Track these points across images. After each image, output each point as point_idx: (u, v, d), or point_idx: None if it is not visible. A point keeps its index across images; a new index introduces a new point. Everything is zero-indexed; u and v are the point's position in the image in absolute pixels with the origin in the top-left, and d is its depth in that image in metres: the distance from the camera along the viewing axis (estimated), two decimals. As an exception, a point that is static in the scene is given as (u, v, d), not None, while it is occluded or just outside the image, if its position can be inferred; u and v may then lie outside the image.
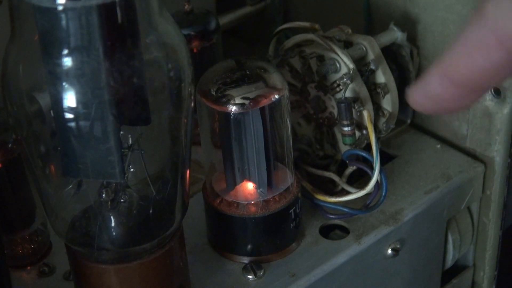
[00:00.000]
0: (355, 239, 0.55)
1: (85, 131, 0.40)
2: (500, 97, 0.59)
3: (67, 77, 0.39)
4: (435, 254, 0.63)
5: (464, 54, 0.33)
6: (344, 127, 0.56)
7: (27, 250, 0.54)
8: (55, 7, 0.37)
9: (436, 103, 0.36)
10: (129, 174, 0.45)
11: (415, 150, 0.64)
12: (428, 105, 0.36)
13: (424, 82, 0.36)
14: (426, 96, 0.36)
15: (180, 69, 0.43)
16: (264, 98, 0.50)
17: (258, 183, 0.52)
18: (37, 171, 0.44)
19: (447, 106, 0.36)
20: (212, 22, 0.65)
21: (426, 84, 0.36)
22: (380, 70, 0.58)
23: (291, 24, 0.62)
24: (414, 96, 0.37)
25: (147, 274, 0.46)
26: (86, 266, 0.46)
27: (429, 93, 0.36)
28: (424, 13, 0.62)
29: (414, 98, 0.37)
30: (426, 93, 0.36)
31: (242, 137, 0.51)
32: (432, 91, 0.35)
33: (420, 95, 0.36)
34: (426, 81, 0.36)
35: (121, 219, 0.46)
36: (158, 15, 0.42)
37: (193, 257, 0.54)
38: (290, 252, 0.54)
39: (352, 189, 0.56)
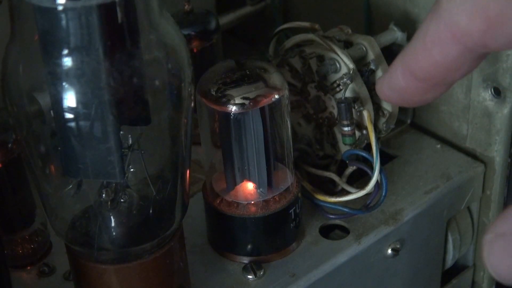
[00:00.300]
0: (355, 239, 0.55)
1: (85, 131, 0.40)
2: (500, 97, 0.59)
3: (67, 77, 0.39)
4: (435, 254, 0.63)
5: (423, 49, 0.33)
6: (344, 127, 0.56)
7: (27, 250, 0.54)
8: (55, 7, 0.37)
9: (401, 95, 0.36)
10: (129, 174, 0.45)
11: (415, 150, 0.64)
12: (393, 97, 0.36)
13: (389, 74, 0.36)
14: (391, 88, 0.36)
15: (180, 69, 0.43)
16: (264, 98, 0.50)
17: (258, 183, 0.52)
18: (37, 171, 0.44)
19: (410, 98, 0.36)
20: (212, 22, 0.65)
21: (390, 76, 0.35)
22: (380, 70, 0.58)
23: (291, 24, 0.62)
24: (381, 87, 0.37)
25: (147, 274, 0.46)
26: (86, 266, 0.46)
27: (393, 85, 0.35)
28: (424, 13, 0.62)
29: (381, 89, 0.37)
30: (390, 85, 0.36)
31: (242, 137, 0.51)
32: (396, 84, 0.35)
33: (385, 87, 0.36)
34: (390, 73, 0.35)
35: (121, 219, 0.46)
36: (158, 15, 0.42)
37: (193, 257, 0.54)
38: (290, 252, 0.54)
39: (352, 189, 0.56)
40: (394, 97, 0.36)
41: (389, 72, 0.36)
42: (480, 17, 0.30)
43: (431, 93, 0.35)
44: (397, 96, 0.36)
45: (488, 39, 0.31)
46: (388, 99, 0.37)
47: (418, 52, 0.33)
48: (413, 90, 0.35)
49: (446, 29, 0.32)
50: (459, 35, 0.31)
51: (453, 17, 0.31)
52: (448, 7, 0.31)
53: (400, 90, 0.35)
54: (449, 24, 0.31)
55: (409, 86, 0.35)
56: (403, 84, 0.35)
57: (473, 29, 0.31)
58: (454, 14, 0.31)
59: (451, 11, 0.31)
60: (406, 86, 0.35)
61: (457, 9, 0.31)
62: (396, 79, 0.35)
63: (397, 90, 0.35)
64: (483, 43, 0.31)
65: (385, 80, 0.36)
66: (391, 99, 0.37)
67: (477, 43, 0.31)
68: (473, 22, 0.31)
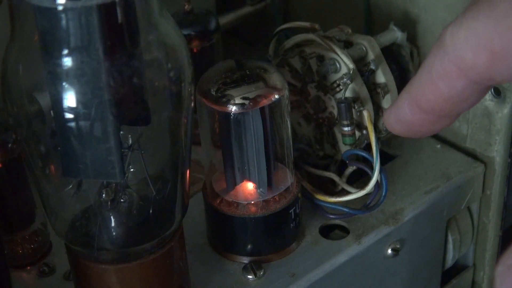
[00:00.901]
0: (355, 239, 0.55)
1: (85, 131, 0.40)
2: (500, 97, 0.59)
3: (67, 77, 0.39)
4: (435, 254, 0.63)
5: (429, 83, 0.34)
6: (344, 127, 0.56)
7: (27, 250, 0.54)
8: (55, 7, 0.37)
9: (408, 127, 0.36)
10: (129, 174, 0.45)
11: (415, 150, 0.64)
12: (401, 129, 0.37)
13: (396, 107, 0.36)
14: (399, 121, 0.36)
15: (180, 69, 0.43)
16: (264, 98, 0.50)
17: (258, 183, 0.52)
18: (37, 171, 0.44)
19: (418, 130, 0.36)
20: (212, 22, 0.65)
21: (397, 109, 0.36)
22: (380, 70, 0.58)
23: (291, 24, 0.62)
24: (388, 119, 0.37)
25: (147, 274, 0.46)
26: (86, 266, 0.46)
27: (401, 118, 0.36)
28: (424, 13, 0.62)
29: (388, 121, 0.37)
30: (398, 117, 0.36)
31: (242, 137, 0.51)
32: (403, 116, 0.36)
33: (393, 119, 0.37)
34: (397, 106, 0.36)
35: (121, 219, 0.46)
36: (158, 15, 0.42)
37: (193, 257, 0.54)
38: (290, 252, 0.54)
39: (352, 189, 0.56)
40: (402, 129, 0.37)
41: (396, 104, 0.36)
42: (485, 51, 0.31)
43: (438, 125, 0.36)
44: (405, 128, 0.37)
45: (493, 72, 0.31)
46: (395, 131, 0.37)
47: (424, 85, 0.34)
48: (420, 122, 0.35)
49: (451, 63, 0.32)
50: (464, 69, 0.32)
51: (457, 52, 0.32)
52: (452, 41, 0.32)
53: (408, 122, 0.36)
54: (454, 59, 0.32)
55: (416, 118, 0.35)
56: (410, 117, 0.35)
57: (478, 63, 0.31)
58: (458, 49, 0.32)
59: (455, 45, 0.32)
60: (413, 118, 0.35)
61: (462, 44, 0.32)
62: (403, 112, 0.36)
63: (404, 122, 0.36)
64: (488, 76, 0.32)
65: (392, 112, 0.37)
66: (399, 131, 0.37)
67: (482, 76, 0.32)
68: (478, 56, 0.31)
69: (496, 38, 0.30)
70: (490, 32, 0.31)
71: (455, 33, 0.32)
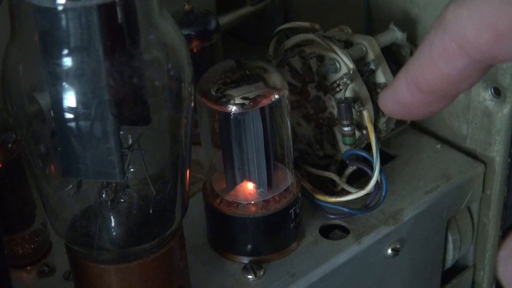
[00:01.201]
0: (355, 239, 0.55)
1: (85, 131, 0.40)
2: (500, 97, 0.59)
3: (67, 77, 0.39)
4: (435, 254, 0.63)
5: (428, 62, 0.33)
6: (344, 127, 0.56)
7: (27, 250, 0.54)
8: (55, 7, 0.37)
9: (406, 108, 0.36)
10: (129, 174, 0.45)
11: (415, 150, 0.64)
12: (397, 110, 0.36)
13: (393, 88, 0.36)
14: (396, 102, 0.36)
15: (180, 69, 0.43)
16: (264, 98, 0.50)
17: (258, 183, 0.52)
18: (37, 171, 0.44)
19: (416, 112, 0.36)
20: (212, 22, 0.65)
21: (395, 90, 0.35)
22: (380, 70, 0.58)
23: (291, 24, 0.62)
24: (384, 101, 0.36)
25: (147, 274, 0.46)
26: (86, 266, 0.46)
27: (398, 99, 0.35)
28: (424, 13, 0.62)
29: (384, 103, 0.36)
30: (395, 98, 0.36)
31: (242, 137, 0.51)
32: (401, 97, 0.35)
33: (389, 101, 0.36)
34: (395, 87, 0.35)
35: (121, 219, 0.46)
36: (158, 15, 0.42)
37: (193, 257, 0.54)
38: (290, 252, 0.54)
39: (352, 189, 0.56)
40: (399, 110, 0.36)
41: (393, 85, 0.36)
42: (489, 30, 0.30)
43: (436, 106, 0.35)
44: (402, 109, 0.36)
45: (496, 51, 0.31)
46: (392, 112, 0.37)
47: (423, 65, 0.33)
48: (418, 103, 0.35)
49: (453, 41, 0.32)
50: (466, 48, 0.31)
51: (459, 30, 0.31)
52: (454, 20, 0.32)
53: (405, 103, 0.35)
54: (456, 37, 0.32)
55: (414, 99, 0.35)
56: (408, 97, 0.35)
57: (481, 41, 0.31)
58: (460, 27, 0.31)
59: (458, 24, 0.31)
60: (411, 99, 0.35)
61: (464, 23, 0.31)
62: (400, 92, 0.35)
63: (402, 103, 0.35)
64: (491, 55, 0.31)
65: (388, 93, 0.36)
66: (396, 113, 0.36)
67: (485, 55, 0.31)
68: (481, 35, 0.31)
69: (501, 17, 0.30)
70: (495, 11, 0.30)
71: (457, 11, 0.31)
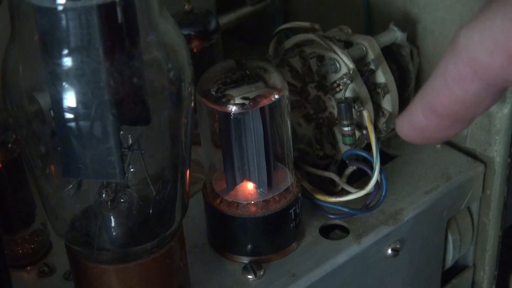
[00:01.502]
0: (355, 239, 0.55)
1: (85, 131, 0.40)
2: (500, 97, 0.59)
3: (67, 77, 0.39)
4: (435, 254, 0.63)
5: (443, 87, 0.33)
6: (344, 127, 0.56)
7: (27, 250, 0.54)
8: (55, 7, 0.37)
9: (421, 133, 0.36)
10: (129, 174, 0.45)
11: (415, 150, 0.64)
12: (413, 135, 0.36)
13: (409, 113, 0.36)
14: (412, 126, 0.36)
15: (180, 69, 0.43)
16: (264, 98, 0.50)
17: (258, 183, 0.52)
18: (37, 171, 0.44)
19: (432, 136, 0.36)
20: (212, 22, 0.65)
21: (410, 115, 0.36)
22: (380, 70, 0.58)
23: (291, 24, 0.62)
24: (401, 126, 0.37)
25: (147, 274, 0.46)
26: (86, 266, 0.46)
27: (414, 123, 0.36)
28: (424, 13, 0.62)
29: (401, 128, 0.37)
30: (411, 123, 0.36)
31: (242, 137, 0.51)
32: (417, 122, 0.35)
33: (406, 125, 0.36)
34: (410, 112, 0.36)
35: (121, 219, 0.46)
36: (158, 15, 0.42)
37: (193, 257, 0.54)
38: (290, 252, 0.54)
39: (352, 189, 0.56)
40: (415, 134, 0.36)
41: (409, 110, 0.36)
42: (501, 53, 0.31)
43: (452, 130, 0.35)
44: (419, 134, 0.36)
45: (509, 74, 0.31)
46: (408, 136, 0.37)
47: (438, 89, 0.34)
48: (434, 128, 0.35)
49: (466, 66, 0.32)
50: (479, 72, 0.32)
51: (472, 54, 0.32)
52: (466, 44, 0.32)
53: (421, 128, 0.35)
54: (469, 61, 0.32)
55: (430, 123, 0.35)
56: (424, 122, 0.35)
57: (494, 65, 0.31)
58: (473, 51, 0.32)
59: (470, 48, 0.32)
60: (428, 124, 0.35)
61: (476, 46, 0.31)
62: (417, 118, 0.35)
63: (418, 128, 0.36)
64: (504, 78, 0.32)
65: (404, 118, 0.36)
66: (413, 138, 0.37)
67: (498, 78, 0.32)
68: (494, 58, 0.31)
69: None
70: (507, 33, 0.30)
71: (470, 35, 0.32)
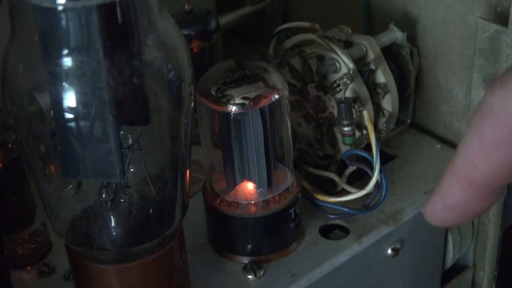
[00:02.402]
0: (355, 239, 0.55)
1: (85, 131, 0.40)
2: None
3: (67, 77, 0.39)
4: (435, 254, 0.63)
5: (479, 154, 0.31)
6: (344, 127, 0.56)
7: (27, 250, 0.54)
8: (55, 7, 0.37)
9: (459, 211, 0.34)
10: (129, 174, 0.45)
11: (415, 150, 0.64)
12: (451, 217, 0.34)
13: (441, 193, 0.33)
14: (448, 208, 0.34)
15: (180, 69, 0.43)
16: (264, 98, 0.50)
17: (258, 183, 0.52)
18: (37, 171, 0.44)
19: (472, 210, 0.33)
20: (212, 22, 0.65)
21: (444, 194, 0.33)
22: (380, 70, 0.58)
23: (291, 24, 0.62)
24: (432, 212, 0.34)
25: (147, 274, 0.46)
26: (86, 266, 0.46)
27: (450, 203, 0.33)
28: (424, 13, 0.62)
29: (434, 213, 0.34)
30: (446, 204, 0.34)
31: (242, 137, 0.51)
32: (453, 200, 0.33)
33: (440, 209, 0.34)
34: (443, 192, 0.33)
35: (121, 219, 0.46)
36: (158, 15, 0.42)
37: (193, 257, 0.53)
38: (290, 252, 0.54)
39: (352, 189, 0.56)
40: (453, 215, 0.34)
41: (440, 191, 0.34)
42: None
43: (490, 199, 0.33)
44: (456, 213, 0.34)
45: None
46: (445, 221, 0.34)
47: (474, 158, 0.32)
48: (473, 201, 0.33)
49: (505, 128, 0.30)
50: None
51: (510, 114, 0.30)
52: (502, 105, 0.30)
53: (459, 206, 0.33)
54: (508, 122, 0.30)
55: (468, 197, 0.33)
56: (460, 198, 0.33)
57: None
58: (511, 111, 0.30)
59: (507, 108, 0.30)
60: (465, 198, 0.33)
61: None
62: (451, 195, 0.33)
63: (455, 207, 0.33)
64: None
65: (437, 201, 0.34)
66: (449, 220, 0.34)
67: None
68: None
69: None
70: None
71: (504, 96, 0.30)
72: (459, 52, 0.61)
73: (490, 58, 0.57)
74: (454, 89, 0.62)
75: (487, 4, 0.57)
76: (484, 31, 0.56)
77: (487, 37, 0.56)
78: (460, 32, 0.60)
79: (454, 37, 0.61)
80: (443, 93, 0.64)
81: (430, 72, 0.64)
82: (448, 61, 0.62)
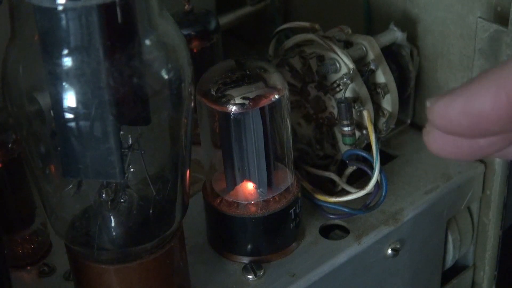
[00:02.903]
0: (355, 239, 0.55)
1: (85, 131, 0.40)
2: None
3: (67, 77, 0.39)
4: (435, 254, 0.63)
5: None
6: (344, 127, 0.56)
7: (27, 250, 0.54)
8: (55, 7, 0.37)
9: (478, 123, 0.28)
10: (129, 174, 0.45)
11: (415, 150, 0.64)
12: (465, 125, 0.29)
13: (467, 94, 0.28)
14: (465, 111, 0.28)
15: (180, 69, 0.43)
16: (264, 98, 0.50)
17: (258, 183, 0.52)
18: (37, 171, 0.44)
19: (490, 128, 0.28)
20: (212, 22, 0.65)
21: (470, 96, 0.28)
22: (380, 70, 0.58)
23: (291, 24, 0.62)
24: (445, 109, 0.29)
25: (147, 274, 0.46)
26: (86, 266, 0.46)
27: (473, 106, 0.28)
28: (424, 13, 0.62)
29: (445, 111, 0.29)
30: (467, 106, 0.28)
31: (242, 137, 0.51)
32: (478, 105, 0.28)
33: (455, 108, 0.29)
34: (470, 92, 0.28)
35: (121, 219, 0.46)
36: (158, 15, 0.42)
37: (193, 257, 0.54)
38: (290, 252, 0.54)
39: (352, 189, 0.56)
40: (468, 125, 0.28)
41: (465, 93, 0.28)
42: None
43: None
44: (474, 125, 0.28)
45: None
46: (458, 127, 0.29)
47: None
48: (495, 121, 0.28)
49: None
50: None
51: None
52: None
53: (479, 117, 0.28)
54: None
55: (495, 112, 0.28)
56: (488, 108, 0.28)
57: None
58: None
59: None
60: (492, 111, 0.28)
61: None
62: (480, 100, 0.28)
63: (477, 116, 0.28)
64: None
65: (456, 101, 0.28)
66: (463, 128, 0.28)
67: None
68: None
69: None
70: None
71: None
72: (459, 52, 0.61)
73: (490, 58, 0.57)
74: (454, 89, 0.62)
75: (487, 4, 0.57)
76: (484, 31, 0.56)
77: (487, 37, 0.56)
78: (460, 32, 0.60)
79: (454, 37, 0.61)
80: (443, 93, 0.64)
81: (430, 72, 0.64)
82: (448, 61, 0.62)
